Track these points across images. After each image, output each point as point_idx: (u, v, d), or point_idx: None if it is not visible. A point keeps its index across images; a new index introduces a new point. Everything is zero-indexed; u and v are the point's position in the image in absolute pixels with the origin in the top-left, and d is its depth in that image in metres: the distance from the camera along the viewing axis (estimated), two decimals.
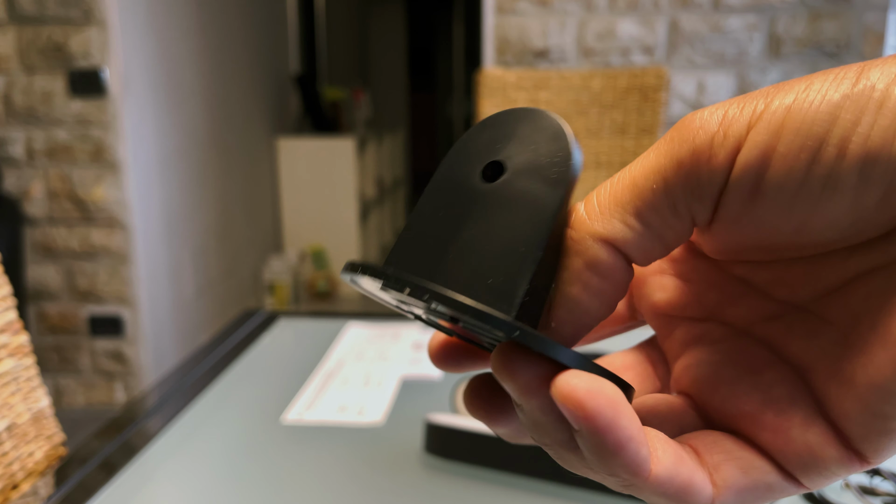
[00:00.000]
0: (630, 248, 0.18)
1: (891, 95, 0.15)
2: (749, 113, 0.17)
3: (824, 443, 0.18)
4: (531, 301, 0.18)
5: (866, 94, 0.16)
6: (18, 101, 2.00)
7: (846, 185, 0.16)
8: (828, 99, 0.16)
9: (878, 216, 0.16)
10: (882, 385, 0.16)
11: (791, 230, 0.17)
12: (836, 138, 0.16)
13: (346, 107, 3.68)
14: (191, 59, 2.44)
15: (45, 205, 2.07)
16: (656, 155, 0.18)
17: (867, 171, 0.16)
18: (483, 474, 0.56)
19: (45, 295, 2.12)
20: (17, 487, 0.65)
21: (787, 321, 0.19)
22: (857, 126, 0.15)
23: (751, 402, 0.19)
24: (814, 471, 0.18)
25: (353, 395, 0.71)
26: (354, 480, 0.57)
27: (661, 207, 0.18)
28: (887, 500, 0.51)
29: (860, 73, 0.16)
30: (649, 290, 0.23)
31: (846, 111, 0.16)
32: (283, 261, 3.11)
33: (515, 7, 1.92)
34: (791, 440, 0.18)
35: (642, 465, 0.17)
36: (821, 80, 0.16)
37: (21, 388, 0.67)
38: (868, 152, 0.15)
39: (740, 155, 0.17)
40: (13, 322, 0.67)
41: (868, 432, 0.17)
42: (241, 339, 0.88)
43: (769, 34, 1.86)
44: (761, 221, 0.17)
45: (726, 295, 0.21)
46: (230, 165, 2.79)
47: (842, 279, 0.18)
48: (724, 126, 0.17)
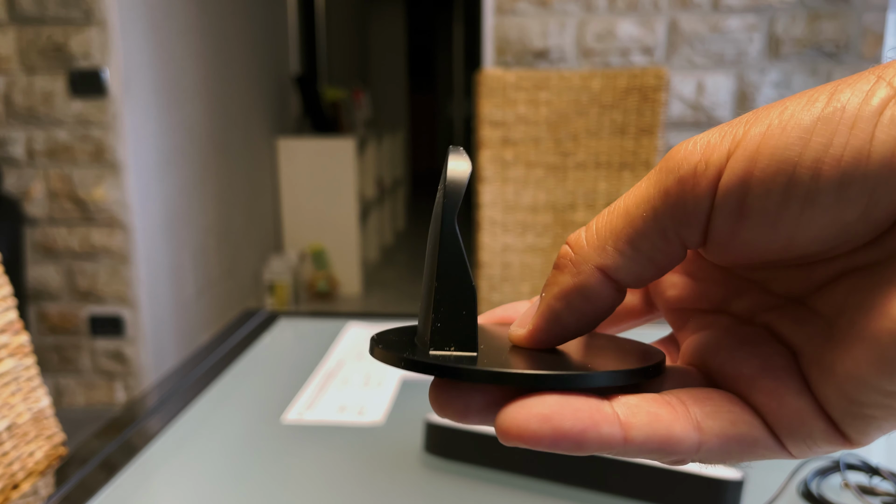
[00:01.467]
0: (621, 273, 0.20)
1: (862, 115, 0.16)
2: (729, 141, 0.18)
3: (814, 414, 0.18)
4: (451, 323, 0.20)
5: (837, 115, 0.16)
6: (19, 101, 2.00)
7: (824, 205, 0.17)
8: (799, 123, 0.17)
9: (860, 228, 0.17)
10: (858, 377, 0.17)
11: (779, 248, 0.18)
12: (810, 160, 0.16)
13: (346, 107, 3.68)
14: (191, 60, 2.45)
15: (45, 205, 2.07)
16: (646, 185, 0.19)
17: (843, 190, 0.16)
18: (483, 474, 0.56)
19: (46, 295, 2.12)
20: (17, 487, 0.65)
21: (784, 310, 0.20)
22: (830, 148, 0.16)
23: (750, 366, 0.20)
24: (800, 438, 0.19)
25: (353, 394, 0.71)
26: (354, 480, 0.57)
27: (652, 234, 0.19)
28: (886, 499, 0.51)
29: (832, 95, 0.17)
30: (663, 287, 0.24)
31: (817, 134, 0.16)
32: (284, 261, 3.11)
33: (515, 7, 1.92)
34: (784, 404, 0.19)
35: (610, 442, 0.18)
36: (794, 103, 0.17)
37: (21, 388, 0.67)
38: (843, 174, 0.16)
39: (721, 182, 0.17)
40: (13, 322, 0.67)
41: (846, 416, 0.18)
42: (241, 339, 0.88)
43: (768, 34, 1.87)
44: (749, 241, 0.18)
45: (730, 291, 0.22)
46: (230, 166, 2.79)
47: (830, 275, 0.19)
48: (706, 155, 0.18)
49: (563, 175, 1.37)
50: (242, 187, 2.92)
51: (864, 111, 0.16)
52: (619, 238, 0.19)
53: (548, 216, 1.37)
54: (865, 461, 0.54)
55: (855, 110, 0.16)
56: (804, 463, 0.55)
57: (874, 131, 0.16)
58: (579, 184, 1.37)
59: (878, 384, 0.17)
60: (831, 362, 0.18)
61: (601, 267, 0.20)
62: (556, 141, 1.36)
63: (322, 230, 3.32)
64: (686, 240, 0.19)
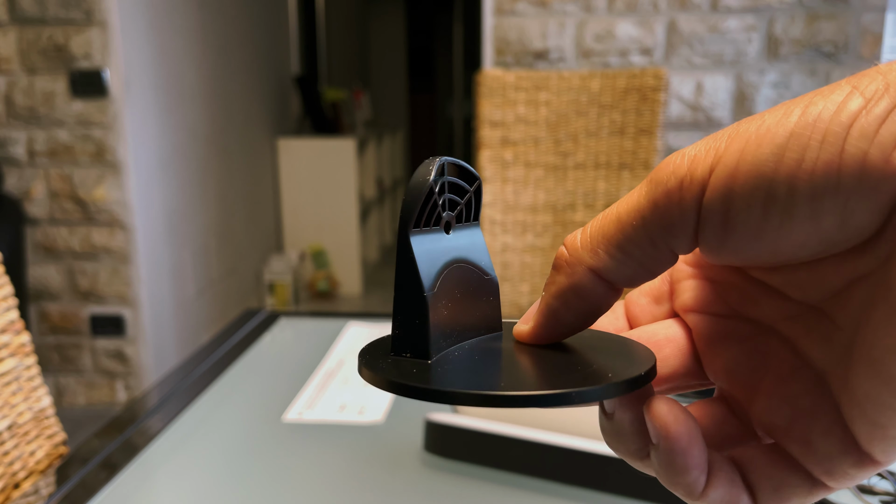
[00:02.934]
0: (613, 275, 0.21)
1: (831, 130, 0.16)
2: (712, 156, 0.18)
3: (841, 450, 0.19)
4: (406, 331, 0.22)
5: (808, 130, 0.17)
6: (20, 101, 2.01)
7: (801, 217, 0.17)
8: (773, 139, 0.17)
9: (841, 236, 0.17)
10: (875, 397, 0.17)
11: (767, 254, 0.19)
12: (784, 175, 0.17)
13: (347, 107, 3.68)
14: (191, 60, 2.45)
15: (46, 205, 2.07)
16: (638, 195, 0.20)
17: (817, 203, 0.17)
18: (483, 473, 0.57)
19: (47, 295, 2.13)
20: (18, 486, 0.65)
21: (806, 322, 0.20)
22: (802, 163, 0.17)
23: (781, 416, 0.21)
24: (836, 475, 0.20)
25: (353, 394, 0.71)
26: (354, 479, 0.57)
27: (642, 241, 0.20)
28: (885, 498, 0.51)
29: (805, 108, 0.17)
30: (679, 292, 0.25)
31: (790, 150, 0.17)
32: (284, 261, 3.11)
33: (514, 8, 1.92)
34: (814, 451, 0.20)
35: (697, 489, 0.20)
36: (771, 117, 0.17)
37: (22, 388, 0.67)
38: (815, 187, 0.17)
39: (705, 197, 0.18)
40: (14, 322, 0.67)
41: (871, 438, 0.18)
42: (241, 338, 0.88)
43: (767, 35, 1.87)
44: (737, 249, 0.19)
45: (747, 295, 0.22)
46: (231, 166, 2.79)
47: (842, 281, 0.19)
48: (691, 170, 0.18)
49: (563, 175, 1.37)
50: (243, 187, 2.92)
51: (834, 124, 0.16)
52: (611, 243, 0.20)
53: (547, 216, 1.37)
54: None
55: (825, 124, 0.16)
56: None
57: (843, 145, 0.16)
58: (579, 184, 1.37)
59: (890, 402, 0.17)
60: (851, 383, 0.18)
61: (593, 269, 0.21)
62: (556, 141, 1.36)
63: (322, 230, 3.32)
64: (674, 248, 0.20)
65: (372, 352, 0.22)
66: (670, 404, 0.19)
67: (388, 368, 0.21)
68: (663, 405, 0.19)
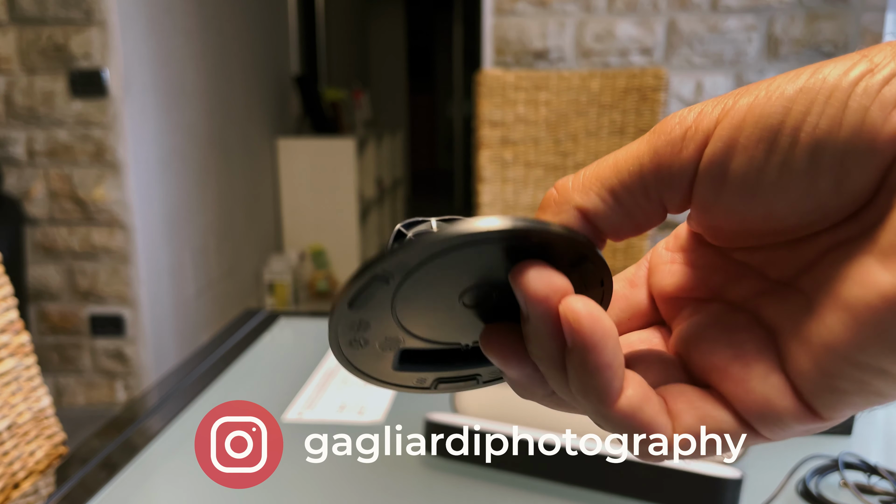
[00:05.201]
0: (601, 220, 0.21)
1: (839, 86, 0.17)
2: (719, 111, 0.18)
3: (780, 394, 0.19)
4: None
5: (817, 86, 0.17)
6: (19, 101, 2.00)
7: (799, 171, 0.17)
8: (783, 93, 0.18)
9: (834, 201, 0.18)
10: (831, 346, 0.18)
11: (759, 217, 0.19)
12: (789, 128, 0.17)
13: (346, 107, 3.68)
14: (191, 60, 2.45)
15: (45, 205, 2.07)
16: (639, 143, 0.20)
17: (816, 157, 0.17)
18: (483, 473, 0.57)
19: (46, 295, 2.13)
20: (18, 486, 0.65)
21: (772, 293, 0.21)
22: (808, 116, 0.17)
23: (723, 356, 0.20)
24: (770, 421, 0.19)
25: (353, 394, 0.71)
26: (354, 479, 0.57)
27: (635, 189, 0.20)
28: (885, 498, 0.51)
29: (816, 70, 0.18)
30: (660, 277, 0.24)
31: (798, 103, 0.17)
32: (284, 261, 3.11)
33: (514, 8, 1.92)
34: (750, 390, 0.19)
35: (611, 393, 0.19)
36: (782, 77, 0.18)
37: (22, 388, 0.67)
38: (816, 140, 0.17)
39: (707, 148, 0.18)
40: (14, 322, 0.67)
41: (818, 389, 0.18)
42: (241, 338, 0.88)
43: (767, 35, 1.87)
44: (730, 208, 0.19)
45: (729, 276, 0.22)
46: (231, 166, 2.79)
47: (814, 255, 0.19)
48: (697, 122, 0.19)
49: (563, 175, 1.37)
50: (242, 187, 2.92)
51: (841, 82, 0.17)
52: (604, 186, 0.20)
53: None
54: (864, 460, 0.54)
55: (834, 82, 0.17)
56: (803, 462, 0.55)
57: (847, 101, 0.17)
58: None
59: (851, 354, 0.17)
60: (808, 334, 0.18)
61: (581, 209, 0.20)
62: (556, 141, 1.36)
63: (322, 230, 3.32)
64: (667, 201, 0.20)
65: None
66: (586, 301, 0.19)
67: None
68: (578, 301, 0.19)
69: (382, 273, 0.19)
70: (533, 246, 0.19)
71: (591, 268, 0.21)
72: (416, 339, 0.22)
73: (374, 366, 0.23)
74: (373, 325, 0.21)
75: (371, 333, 0.21)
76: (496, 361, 0.21)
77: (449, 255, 0.19)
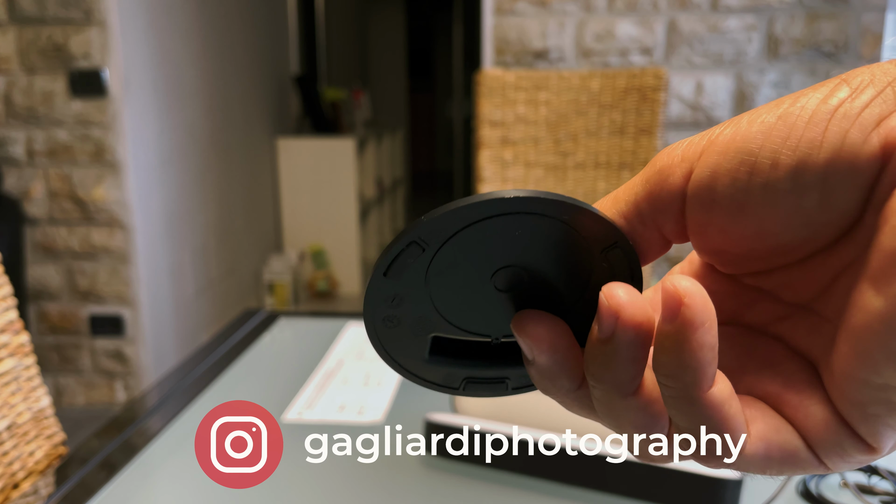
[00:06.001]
0: None
1: (818, 112, 0.18)
2: (705, 141, 0.19)
3: (840, 424, 0.19)
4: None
5: (796, 112, 0.18)
6: (19, 101, 2.00)
7: (783, 192, 0.18)
8: (764, 121, 0.18)
9: (822, 217, 0.18)
10: (849, 373, 0.18)
11: (751, 235, 0.19)
12: (769, 150, 0.18)
13: (346, 107, 3.68)
14: (191, 60, 2.45)
15: (45, 205, 2.07)
16: (636, 177, 0.21)
17: (799, 178, 0.18)
18: (483, 474, 0.57)
19: (46, 295, 2.12)
20: (17, 487, 0.65)
21: (795, 320, 0.21)
22: (787, 140, 0.18)
23: (774, 384, 0.20)
24: (832, 450, 0.19)
25: (352, 394, 0.71)
26: (354, 479, 0.57)
27: (633, 218, 0.21)
28: (885, 498, 0.51)
29: (796, 98, 0.18)
30: None
31: (777, 129, 0.18)
32: (283, 261, 3.11)
33: (514, 8, 1.92)
34: (811, 416, 0.19)
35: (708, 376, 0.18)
36: (765, 108, 0.19)
37: (22, 388, 0.67)
38: (797, 161, 0.18)
39: (693, 174, 0.19)
40: (14, 322, 0.67)
41: (853, 417, 0.18)
42: (241, 338, 0.88)
43: (767, 35, 1.87)
44: (723, 229, 0.20)
45: (743, 302, 0.22)
46: (230, 166, 2.79)
47: (829, 275, 0.20)
48: (684, 152, 0.20)
49: (563, 175, 1.37)
50: (242, 187, 2.92)
51: (821, 108, 0.18)
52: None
53: None
54: None
55: (813, 108, 0.18)
56: None
57: (828, 125, 0.17)
58: (578, 184, 1.37)
59: (869, 378, 0.17)
60: (830, 363, 0.19)
61: None
62: (556, 141, 1.36)
63: (322, 230, 3.32)
64: (663, 227, 0.21)
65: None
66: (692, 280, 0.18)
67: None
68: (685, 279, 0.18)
69: (419, 239, 0.19)
70: (568, 225, 0.20)
71: (620, 255, 0.21)
72: (447, 325, 0.22)
73: (405, 352, 0.22)
74: (406, 301, 0.21)
75: (404, 311, 0.21)
76: (526, 342, 0.21)
77: (485, 224, 0.19)
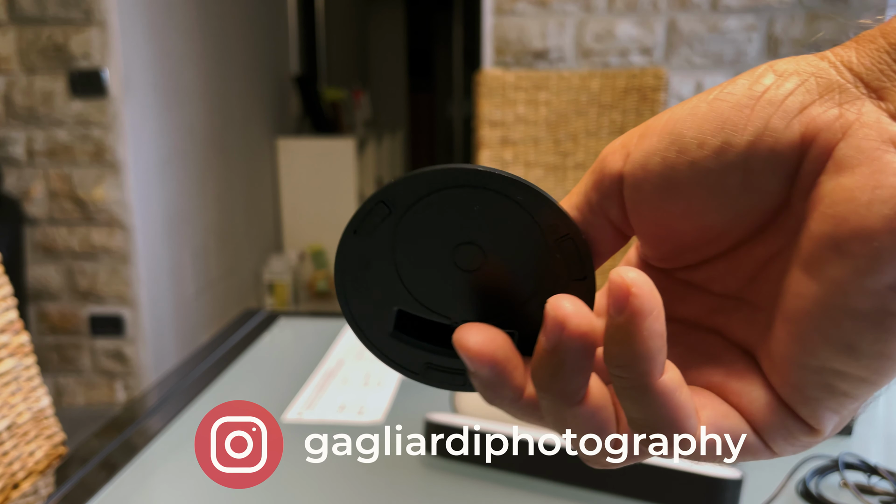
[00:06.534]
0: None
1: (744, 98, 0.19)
2: (644, 128, 0.21)
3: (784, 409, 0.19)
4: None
5: (724, 98, 0.19)
6: (19, 101, 2.00)
7: (707, 169, 0.19)
8: (695, 107, 0.19)
9: (747, 199, 0.19)
10: (787, 357, 0.19)
11: (680, 213, 0.20)
12: (696, 132, 0.19)
13: (346, 107, 3.68)
14: (191, 60, 2.45)
15: (45, 205, 2.07)
16: (588, 170, 0.23)
17: (722, 157, 0.19)
18: (483, 474, 0.57)
19: (46, 295, 2.12)
20: (17, 487, 0.65)
21: (728, 311, 0.22)
22: (714, 123, 0.19)
23: (716, 375, 0.21)
24: (778, 434, 0.20)
25: (352, 394, 0.71)
26: (354, 479, 0.57)
27: (583, 208, 0.22)
28: (885, 498, 0.51)
29: (726, 85, 0.19)
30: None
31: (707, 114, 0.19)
32: (283, 261, 3.11)
33: (514, 8, 1.92)
34: (754, 400, 0.20)
35: (658, 364, 0.18)
36: (699, 96, 0.20)
37: (22, 388, 0.67)
38: (722, 143, 0.19)
39: (629, 157, 0.21)
40: (14, 322, 0.67)
41: (794, 401, 0.19)
42: (241, 338, 0.88)
43: (767, 35, 1.87)
44: (654, 207, 0.20)
45: (675, 296, 0.23)
46: (230, 166, 2.79)
47: (756, 264, 0.21)
48: (623, 139, 0.21)
49: (563, 175, 1.37)
50: (242, 187, 2.92)
51: (746, 94, 0.19)
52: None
53: None
54: (864, 460, 0.54)
55: (740, 94, 0.19)
56: (803, 462, 0.55)
57: (752, 110, 0.18)
58: None
59: (806, 362, 0.18)
60: (769, 349, 0.19)
61: None
62: (556, 141, 1.36)
63: (322, 230, 3.32)
64: (608, 212, 0.21)
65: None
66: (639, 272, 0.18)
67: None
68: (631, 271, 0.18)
69: (386, 199, 0.21)
70: (523, 209, 0.21)
71: (572, 246, 0.22)
72: (411, 299, 0.22)
73: (371, 324, 0.23)
74: (374, 266, 0.22)
75: (371, 276, 0.22)
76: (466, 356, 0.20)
77: (446, 194, 0.21)
